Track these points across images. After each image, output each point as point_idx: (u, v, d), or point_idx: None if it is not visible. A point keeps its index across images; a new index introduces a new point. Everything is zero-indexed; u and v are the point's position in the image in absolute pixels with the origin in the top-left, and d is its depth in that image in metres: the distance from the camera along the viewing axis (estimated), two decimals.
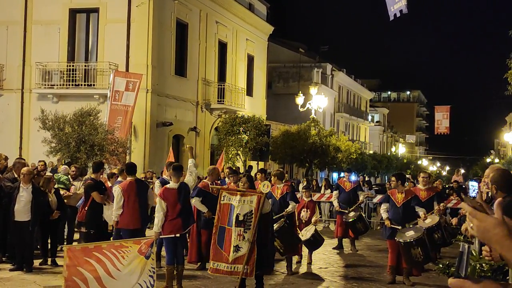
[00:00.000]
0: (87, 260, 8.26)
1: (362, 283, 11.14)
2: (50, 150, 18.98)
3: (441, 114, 59.97)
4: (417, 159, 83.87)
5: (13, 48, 25.59)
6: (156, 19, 24.90)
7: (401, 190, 11.27)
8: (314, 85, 36.03)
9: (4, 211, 11.24)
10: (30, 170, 11.46)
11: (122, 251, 8.53)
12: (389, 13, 14.07)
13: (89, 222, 11.19)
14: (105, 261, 8.30)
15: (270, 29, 38.27)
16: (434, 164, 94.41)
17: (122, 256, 8.43)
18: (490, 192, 5.97)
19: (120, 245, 8.74)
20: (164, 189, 10.06)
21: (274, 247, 10.56)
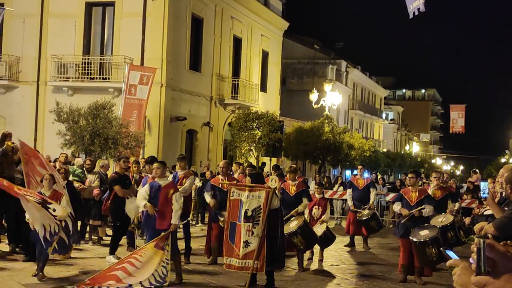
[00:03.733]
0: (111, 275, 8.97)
1: (373, 281, 11.11)
2: (64, 142, 19.07)
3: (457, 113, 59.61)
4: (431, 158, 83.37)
5: (29, 41, 25.75)
6: (172, 13, 24.94)
7: (415, 189, 11.21)
8: (329, 81, 35.96)
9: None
10: None
11: (141, 252, 9.17)
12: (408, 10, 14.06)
13: (113, 215, 11.56)
14: (126, 265, 8.96)
15: (285, 25, 38.20)
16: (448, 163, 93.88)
17: (140, 255, 9.02)
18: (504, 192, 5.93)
19: (139, 249, 9.41)
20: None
21: (284, 243, 10.55)
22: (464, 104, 60.26)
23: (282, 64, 39.27)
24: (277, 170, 16.02)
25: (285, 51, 39.57)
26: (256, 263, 9.57)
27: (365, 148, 33.55)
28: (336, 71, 50.48)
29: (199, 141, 28.23)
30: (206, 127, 28.52)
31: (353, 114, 57.72)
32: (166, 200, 9.62)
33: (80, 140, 19.01)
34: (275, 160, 28.47)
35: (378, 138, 65.82)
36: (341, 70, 52.38)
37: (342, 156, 31.59)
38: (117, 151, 19.34)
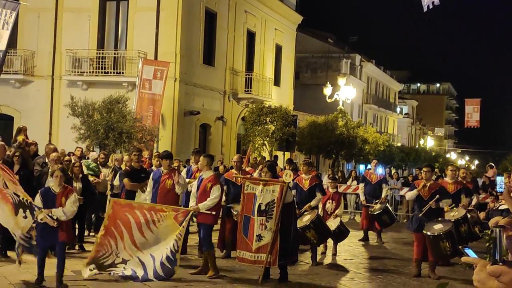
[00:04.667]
0: (126, 216, 9.15)
1: (387, 275, 11.10)
2: (79, 136, 19.18)
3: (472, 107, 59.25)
4: (446, 152, 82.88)
5: (44, 35, 25.89)
6: (185, 7, 24.96)
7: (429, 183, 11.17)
8: (343, 75, 35.87)
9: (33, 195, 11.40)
10: (58, 156, 11.60)
11: (160, 214, 9.23)
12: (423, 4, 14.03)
13: None
14: (141, 220, 9.07)
15: (299, 18, 38.07)
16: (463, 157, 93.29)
17: (158, 219, 9.10)
18: None
19: (160, 209, 9.35)
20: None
21: (298, 237, 10.58)
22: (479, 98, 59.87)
23: (296, 58, 39.17)
24: (291, 164, 16.04)
25: (298, 45, 39.46)
26: (269, 257, 9.61)
27: (379, 142, 33.42)
28: (350, 65, 50.29)
29: (212, 135, 28.28)
30: (220, 121, 28.55)
31: (367, 108, 57.53)
32: (205, 192, 9.73)
33: (94, 134, 19.11)
34: (289, 155, 28.45)
35: (392, 133, 65.54)
36: (355, 64, 52.18)
37: (356, 151, 31.50)
38: (131, 145, 19.42)
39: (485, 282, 1.76)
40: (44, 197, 8.52)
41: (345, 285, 10.10)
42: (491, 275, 1.74)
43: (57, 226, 8.33)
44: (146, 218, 9.00)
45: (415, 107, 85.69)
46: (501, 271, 1.71)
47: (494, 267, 1.74)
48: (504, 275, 1.70)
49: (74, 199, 8.60)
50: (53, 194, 8.55)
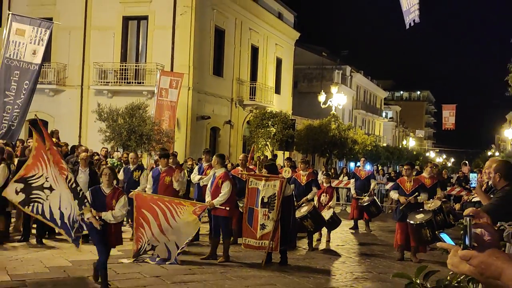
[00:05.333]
0: (151, 206, 9.04)
1: (374, 259, 11.10)
2: (104, 138, 19.22)
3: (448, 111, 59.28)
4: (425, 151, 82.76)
5: (74, 50, 25.96)
6: (197, 26, 24.99)
7: (410, 179, 11.21)
8: (335, 84, 35.76)
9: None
10: (87, 155, 11.62)
11: (180, 207, 9.09)
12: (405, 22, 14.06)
13: None
14: (165, 210, 8.93)
15: (297, 35, 38.10)
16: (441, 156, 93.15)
17: (179, 212, 8.94)
18: (491, 181, 5.92)
19: (179, 202, 9.25)
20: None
21: (297, 226, 10.59)
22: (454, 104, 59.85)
23: (294, 70, 39.19)
24: (289, 162, 16.05)
25: (296, 58, 39.47)
26: (271, 243, 9.63)
27: (367, 143, 33.43)
28: (342, 75, 50.30)
29: (221, 137, 28.31)
30: (228, 125, 28.58)
31: (357, 113, 57.48)
32: (217, 188, 9.70)
33: (118, 136, 19.14)
34: (288, 154, 28.45)
35: (378, 134, 65.45)
36: (346, 75, 52.16)
37: (347, 150, 31.50)
38: (150, 146, 19.48)
39: (458, 265, 1.76)
40: (94, 196, 7.44)
41: (338, 268, 10.10)
42: (462, 259, 1.74)
43: (102, 227, 7.13)
44: (169, 209, 8.94)
45: (398, 112, 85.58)
46: (471, 255, 1.71)
47: (465, 251, 1.74)
48: (473, 259, 1.70)
49: (124, 202, 7.45)
50: (103, 194, 7.44)
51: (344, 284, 8.69)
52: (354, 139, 31.49)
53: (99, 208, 7.24)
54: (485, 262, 1.67)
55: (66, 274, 8.27)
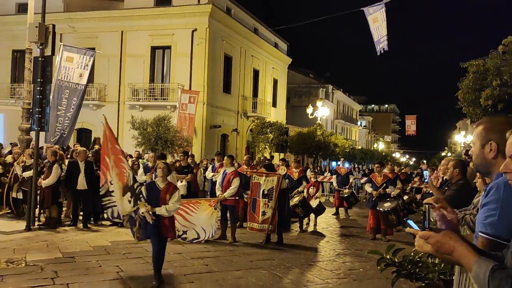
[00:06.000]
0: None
1: (352, 239, 11.08)
2: (137, 143, 19.25)
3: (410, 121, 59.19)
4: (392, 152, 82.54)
5: (112, 73, 26.02)
6: (210, 53, 25.05)
7: (380, 175, 11.21)
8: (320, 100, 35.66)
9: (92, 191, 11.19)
10: None
11: (197, 205, 8.82)
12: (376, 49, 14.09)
13: None
14: (187, 210, 8.55)
15: (289, 60, 38.15)
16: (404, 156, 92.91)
17: (197, 207, 8.68)
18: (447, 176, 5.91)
19: (196, 201, 9.05)
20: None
21: (290, 213, 10.58)
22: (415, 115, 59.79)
23: (287, 88, 39.20)
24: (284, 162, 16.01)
25: (289, 79, 39.50)
26: (270, 227, 9.63)
27: (346, 146, 33.40)
28: (325, 92, 50.27)
29: (229, 142, 28.31)
30: (234, 132, 28.59)
31: (337, 122, 57.42)
32: (228, 183, 9.65)
33: (147, 142, 19.16)
34: (283, 155, 28.44)
35: (355, 139, 65.36)
36: (329, 92, 52.14)
37: (330, 152, 31.48)
38: (173, 149, 19.48)
39: (422, 246, 1.77)
40: (149, 190, 6.39)
41: (323, 246, 10.08)
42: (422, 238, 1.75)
43: (155, 221, 6.13)
44: (189, 208, 8.71)
45: (370, 121, 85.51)
46: (428, 235, 1.72)
47: (424, 232, 1.75)
48: (430, 238, 1.71)
49: (177, 197, 6.37)
50: (158, 189, 6.37)
51: (328, 259, 8.67)
52: (335, 143, 31.46)
53: (153, 202, 6.25)
54: (440, 241, 1.68)
55: (106, 252, 8.25)
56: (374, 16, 13.92)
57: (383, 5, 13.82)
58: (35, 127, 10.62)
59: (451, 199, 5.35)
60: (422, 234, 1.74)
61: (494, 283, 1.47)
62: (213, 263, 7.78)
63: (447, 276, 2.81)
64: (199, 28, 24.66)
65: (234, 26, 27.78)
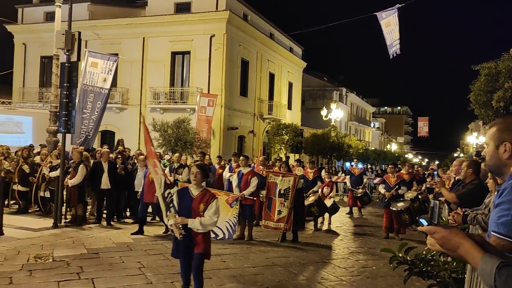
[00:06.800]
0: None
1: (365, 237, 10.99)
2: (157, 145, 19.38)
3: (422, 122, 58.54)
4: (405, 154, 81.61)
5: (134, 78, 26.30)
6: (228, 58, 25.12)
7: (394, 175, 11.08)
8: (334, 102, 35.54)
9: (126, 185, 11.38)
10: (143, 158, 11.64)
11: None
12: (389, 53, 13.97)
13: None
14: None
15: (304, 64, 38.04)
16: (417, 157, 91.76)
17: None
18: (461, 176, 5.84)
19: (215, 193, 8.89)
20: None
21: (305, 211, 10.55)
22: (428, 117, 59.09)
23: (302, 91, 39.10)
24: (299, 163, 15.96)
25: (304, 82, 39.39)
26: (286, 225, 9.61)
27: (359, 147, 33.10)
28: (339, 95, 50.00)
29: (246, 143, 28.34)
30: (251, 134, 28.61)
31: (351, 124, 57.02)
32: (247, 182, 9.65)
33: (168, 143, 19.29)
34: (297, 156, 28.35)
35: (368, 140, 64.82)
36: (342, 94, 51.84)
37: (343, 153, 31.25)
38: (192, 150, 19.58)
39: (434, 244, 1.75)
40: (180, 198, 4.94)
41: (337, 244, 10.01)
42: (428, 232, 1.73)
43: (183, 237, 4.75)
44: None
45: (383, 123, 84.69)
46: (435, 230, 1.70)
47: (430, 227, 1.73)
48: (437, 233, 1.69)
49: (215, 208, 4.82)
50: (190, 197, 4.88)
51: (342, 257, 8.61)
52: (349, 144, 31.22)
53: (184, 213, 4.84)
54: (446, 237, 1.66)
55: (129, 248, 8.33)
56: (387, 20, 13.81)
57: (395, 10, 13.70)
58: (61, 129, 10.80)
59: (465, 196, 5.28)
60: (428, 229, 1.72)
61: (501, 280, 1.44)
62: (230, 259, 7.79)
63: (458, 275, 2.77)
64: (217, 34, 24.76)
65: (251, 31, 27.82)
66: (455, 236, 1.65)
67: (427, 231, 1.73)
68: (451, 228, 1.70)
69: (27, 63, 29.29)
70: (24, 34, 29.21)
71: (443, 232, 1.68)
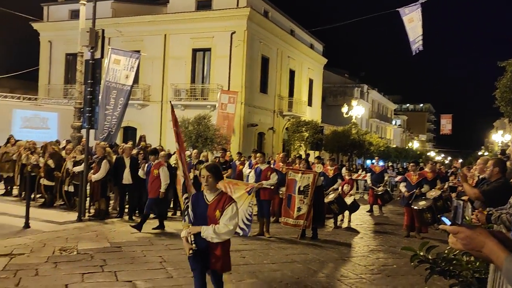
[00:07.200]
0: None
1: (386, 236, 10.89)
2: None
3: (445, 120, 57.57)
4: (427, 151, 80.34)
5: (156, 75, 26.56)
6: (248, 55, 25.14)
7: (416, 173, 10.94)
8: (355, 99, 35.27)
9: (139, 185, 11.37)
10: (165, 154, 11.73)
11: (235, 187, 8.93)
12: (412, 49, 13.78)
13: None
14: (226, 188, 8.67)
15: (325, 60, 37.78)
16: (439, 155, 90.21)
17: (233, 191, 8.73)
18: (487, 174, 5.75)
19: (236, 183, 9.21)
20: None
21: (325, 209, 10.52)
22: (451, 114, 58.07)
23: (323, 88, 38.86)
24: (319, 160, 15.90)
25: (324, 79, 39.13)
26: (305, 222, 9.60)
27: (380, 144, 32.79)
28: (360, 92, 49.50)
29: (266, 140, 28.35)
30: (271, 131, 28.60)
31: (372, 121, 56.40)
32: (266, 178, 9.69)
33: (189, 139, 19.46)
34: (318, 153, 28.24)
35: (389, 138, 64.02)
36: (363, 91, 51.29)
37: (364, 150, 31.01)
38: (212, 147, 19.71)
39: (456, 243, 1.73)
40: (194, 204, 4.14)
41: (357, 242, 9.96)
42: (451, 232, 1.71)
43: (194, 251, 3.91)
44: (229, 187, 8.85)
45: (405, 120, 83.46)
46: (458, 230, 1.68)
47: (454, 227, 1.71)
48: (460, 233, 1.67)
49: (231, 213, 3.97)
50: (205, 203, 4.08)
51: (362, 255, 8.56)
52: (370, 142, 30.95)
53: (200, 221, 4.05)
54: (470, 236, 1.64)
55: (150, 242, 8.46)
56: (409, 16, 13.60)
57: (419, 5, 13.47)
58: (85, 125, 11.01)
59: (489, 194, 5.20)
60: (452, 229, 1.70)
61: None
62: (250, 255, 7.83)
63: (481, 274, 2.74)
64: (237, 31, 24.80)
65: (271, 28, 27.77)
66: (479, 235, 1.63)
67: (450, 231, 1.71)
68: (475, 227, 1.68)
69: (53, 60, 29.91)
70: (50, 32, 29.82)
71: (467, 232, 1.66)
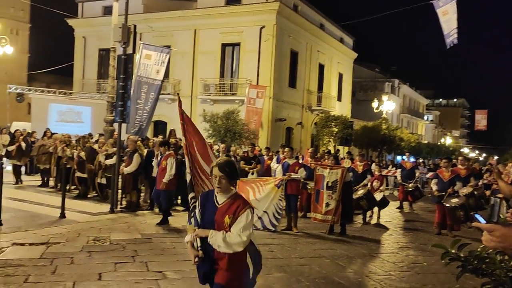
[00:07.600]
0: (245, 188, 9.14)
1: (416, 233, 10.71)
2: (208, 135, 19.76)
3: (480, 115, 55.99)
4: (460, 148, 78.22)
5: (185, 70, 26.84)
6: (277, 49, 25.07)
7: (448, 170, 10.68)
8: (385, 94, 34.57)
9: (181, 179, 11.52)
10: None
11: (264, 182, 9.15)
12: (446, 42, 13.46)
13: None
14: (254, 187, 9.02)
15: (355, 55, 37.26)
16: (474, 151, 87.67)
17: (263, 188, 8.94)
18: None
19: (266, 180, 9.43)
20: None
21: (353, 205, 10.44)
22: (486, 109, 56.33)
23: (353, 82, 38.35)
24: (349, 155, 15.78)
25: (354, 73, 38.60)
26: (333, 218, 9.56)
27: (411, 140, 32.16)
28: (391, 87, 48.63)
29: (294, 135, 28.27)
30: (299, 126, 28.48)
31: (403, 117, 55.33)
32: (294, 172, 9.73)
33: (218, 133, 19.63)
34: (347, 148, 27.95)
35: (421, 134, 62.67)
36: (394, 86, 50.36)
37: (395, 146, 30.49)
38: (241, 141, 19.81)
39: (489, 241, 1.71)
40: (203, 206, 3.36)
41: (386, 238, 9.84)
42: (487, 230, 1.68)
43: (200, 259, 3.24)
44: (257, 186, 9.05)
45: (437, 116, 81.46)
46: (493, 228, 1.66)
47: (489, 225, 1.69)
48: (496, 231, 1.65)
49: (245, 222, 3.17)
50: (214, 205, 3.30)
51: (391, 252, 8.46)
52: (401, 137, 30.40)
53: (206, 224, 3.32)
54: (505, 234, 1.62)
55: (179, 234, 8.59)
56: (444, 8, 13.25)
57: None
58: (117, 119, 11.26)
59: None
60: (487, 227, 1.68)
61: None
62: (278, 250, 7.87)
63: None
64: (267, 25, 24.75)
65: (301, 22, 27.58)
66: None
67: (486, 229, 1.69)
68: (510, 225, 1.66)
69: (87, 56, 30.68)
70: (84, 28, 30.58)
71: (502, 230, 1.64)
